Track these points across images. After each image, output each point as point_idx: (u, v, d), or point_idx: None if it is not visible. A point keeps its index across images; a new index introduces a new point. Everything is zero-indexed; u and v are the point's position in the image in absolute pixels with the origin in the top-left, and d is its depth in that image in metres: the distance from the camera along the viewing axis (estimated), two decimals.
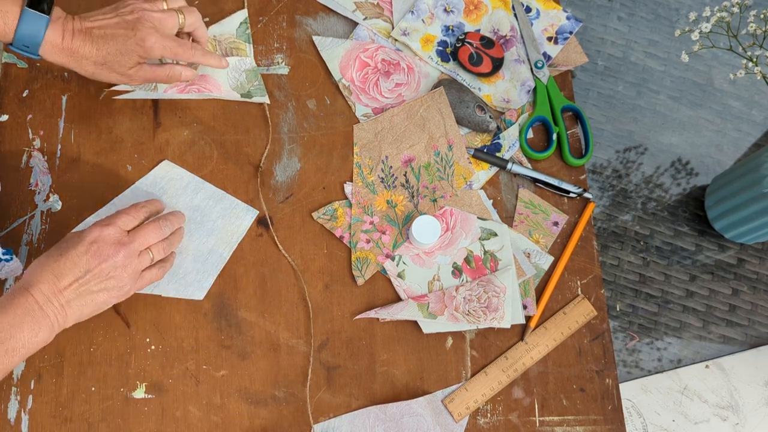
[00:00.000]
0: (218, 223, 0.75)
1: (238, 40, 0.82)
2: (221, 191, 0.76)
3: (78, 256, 0.61)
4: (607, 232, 0.83)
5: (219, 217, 0.75)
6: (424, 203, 0.78)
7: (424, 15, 0.84)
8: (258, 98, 0.79)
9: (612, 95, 0.89)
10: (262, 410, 0.70)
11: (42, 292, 0.59)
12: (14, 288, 0.60)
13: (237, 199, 0.76)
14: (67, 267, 0.60)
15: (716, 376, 0.80)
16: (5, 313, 0.57)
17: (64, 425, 0.68)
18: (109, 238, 0.62)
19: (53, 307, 0.59)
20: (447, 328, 0.73)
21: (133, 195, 0.75)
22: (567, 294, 0.76)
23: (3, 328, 0.57)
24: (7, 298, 0.58)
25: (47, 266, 0.60)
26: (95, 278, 0.61)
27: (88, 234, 0.62)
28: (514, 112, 0.82)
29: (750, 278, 0.84)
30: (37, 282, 0.59)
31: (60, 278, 0.60)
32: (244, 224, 0.75)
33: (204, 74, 0.79)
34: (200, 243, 0.74)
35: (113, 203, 0.74)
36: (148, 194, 0.75)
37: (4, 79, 0.79)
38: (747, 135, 0.89)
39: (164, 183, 0.76)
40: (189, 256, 0.73)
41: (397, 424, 0.70)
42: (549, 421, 0.72)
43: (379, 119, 0.80)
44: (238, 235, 0.75)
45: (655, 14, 0.92)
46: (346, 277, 0.75)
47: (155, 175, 0.76)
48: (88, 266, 0.61)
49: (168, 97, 0.78)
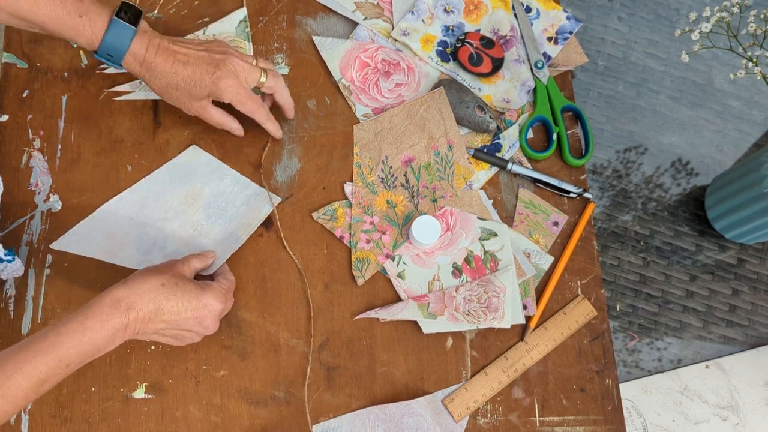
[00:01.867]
0: (242, 209, 0.76)
1: (238, 39, 0.82)
2: (246, 178, 0.77)
3: (186, 310, 0.62)
4: (607, 232, 0.83)
5: (243, 204, 0.76)
6: (424, 203, 0.78)
7: (424, 15, 0.84)
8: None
9: (612, 95, 0.89)
10: (262, 410, 0.70)
11: (138, 317, 0.60)
12: (112, 301, 0.59)
13: (261, 186, 0.77)
14: (173, 311, 0.62)
15: (716, 376, 0.80)
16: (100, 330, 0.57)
17: (64, 425, 0.68)
18: (216, 314, 0.65)
19: (134, 330, 0.60)
20: (447, 328, 0.73)
21: (160, 177, 0.76)
22: (567, 294, 0.76)
23: (91, 344, 0.57)
24: (104, 314, 0.58)
25: (157, 298, 0.61)
26: (180, 331, 0.64)
27: (207, 298, 0.64)
28: (514, 112, 0.82)
29: (750, 278, 0.83)
30: (139, 308, 0.60)
31: (159, 314, 0.61)
32: (265, 210, 0.76)
33: None
34: (222, 228, 0.75)
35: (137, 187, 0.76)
36: (176, 177, 0.76)
37: (4, 79, 0.79)
38: (747, 135, 0.89)
39: (192, 167, 0.77)
40: (211, 240, 0.74)
41: (397, 425, 0.70)
42: (549, 421, 0.72)
43: (379, 119, 0.80)
44: (258, 220, 0.75)
45: (655, 14, 0.92)
46: (346, 277, 0.75)
47: (183, 159, 0.77)
48: (185, 323, 0.63)
49: None
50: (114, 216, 0.74)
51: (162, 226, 0.74)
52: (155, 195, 0.75)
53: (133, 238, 0.73)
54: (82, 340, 0.57)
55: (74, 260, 0.73)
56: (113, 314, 0.58)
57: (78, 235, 0.73)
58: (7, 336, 0.70)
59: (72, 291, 0.72)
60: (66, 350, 0.56)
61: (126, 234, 0.73)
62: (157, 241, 0.73)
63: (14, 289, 0.72)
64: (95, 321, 0.57)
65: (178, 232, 0.74)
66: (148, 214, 0.74)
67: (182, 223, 0.74)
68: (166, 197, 0.75)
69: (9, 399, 0.53)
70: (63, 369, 0.56)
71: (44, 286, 0.72)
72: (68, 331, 0.56)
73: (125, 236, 0.73)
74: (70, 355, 0.56)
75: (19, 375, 0.54)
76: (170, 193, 0.76)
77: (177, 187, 0.76)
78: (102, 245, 0.73)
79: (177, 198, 0.75)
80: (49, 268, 0.73)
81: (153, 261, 0.72)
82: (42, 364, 0.55)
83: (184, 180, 0.76)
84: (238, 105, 0.71)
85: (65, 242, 0.72)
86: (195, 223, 0.74)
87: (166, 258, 0.72)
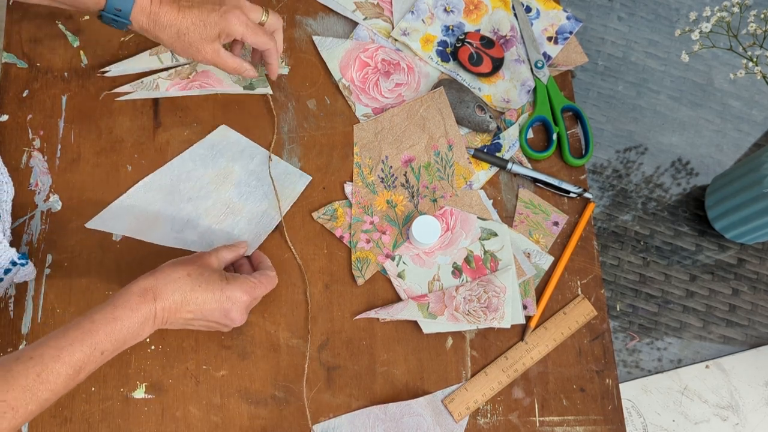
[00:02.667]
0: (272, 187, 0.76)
1: None
2: (276, 156, 0.78)
3: (211, 302, 0.63)
4: (607, 232, 0.83)
5: (274, 181, 0.76)
6: (424, 203, 0.78)
7: (424, 15, 0.84)
8: (261, 89, 0.80)
9: (612, 95, 0.89)
10: (262, 410, 0.70)
11: (165, 306, 0.61)
12: (140, 290, 0.60)
13: (291, 165, 0.77)
14: (198, 301, 0.62)
15: (716, 376, 0.80)
16: (130, 318, 0.59)
17: (64, 425, 0.68)
18: (242, 306, 0.65)
19: (162, 319, 0.61)
20: (447, 328, 0.73)
21: (190, 157, 0.77)
22: (567, 294, 0.76)
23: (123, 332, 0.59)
24: (134, 302, 0.60)
25: (182, 288, 0.62)
26: (207, 322, 0.65)
27: (231, 289, 0.64)
28: (514, 112, 0.82)
29: (750, 278, 0.83)
30: (167, 298, 0.61)
31: (186, 304, 0.62)
32: (297, 189, 0.77)
33: (205, 70, 0.79)
34: (254, 206, 0.75)
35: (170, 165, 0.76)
36: (207, 156, 0.77)
37: (4, 79, 0.79)
38: (747, 135, 0.89)
39: (221, 147, 0.78)
40: (243, 218, 0.75)
41: (397, 424, 0.70)
42: (549, 421, 0.72)
43: (379, 119, 0.80)
44: (290, 199, 0.76)
45: (655, 14, 0.92)
46: (346, 277, 0.75)
47: (212, 139, 0.78)
48: (211, 314, 0.64)
49: (171, 95, 0.79)
50: (147, 195, 0.75)
51: (195, 204, 0.75)
52: (187, 173, 0.76)
53: (167, 216, 0.75)
54: (114, 328, 0.58)
55: (74, 260, 0.73)
56: (141, 303, 0.60)
57: (111, 213, 0.75)
58: (7, 336, 0.70)
59: (72, 291, 0.72)
60: (100, 338, 0.57)
61: (159, 212, 0.75)
62: (190, 219, 0.75)
63: (14, 289, 0.72)
64: (125, 310, 0.59)
65: (211, 210, 0.75)
66: (181, 192, 0.76)
67: (214, 201, 0.75)
68: (197, 176, 0.76)
69: (49, 386, 0.54)
70: (98, 356, 0.57)
71: (44, 286, 0.72)
72: (100, 320, 0.58)
73: (158, 214, 0.75)
74: (104, 343, 0.57)
75: (57, 362, 0.55)
76: (202, 172, 0.77)
77: (208, 166, 0.77)
78: (135, 224, 0.74)
79: (208, 176, 0.76)
80: (49, 268, 0.73)
81: (186, 239, 0.74)
82: (78, 351, 0.56)
83: (215, 159, 0.77)
84: (249, 37, 0.70)
85: (99, 221, 0.74)
86: (227, 201, 0.75)
87: (200, 236, 0.74)
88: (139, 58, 0.80)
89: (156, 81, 0.78)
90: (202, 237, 0.74)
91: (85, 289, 0.72)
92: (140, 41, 0.81)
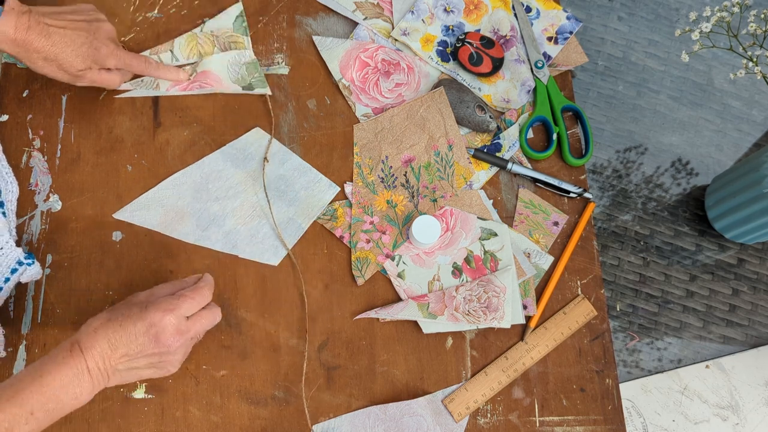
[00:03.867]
0: (300, 194, 0.76)
1: (235, 34, 0.82)
2: (307, 164, 0.78)
3: (136, 336, 0.59)
4: (607, 232, 0.83)
5: (302, 189, 0.77)
6: (424, 203, 0.78)
7: (424, 15, 0.84)
8: (260, 89, 0.80)
9: (612, 95, 0.89)
10: (262, 410, 0.70)
11: (94, 357, 0.58)
12: (66, 346, 0.58)
13: (321, 173, 0.77)
14: (123, 341, 0.59)
15: (716, 376, 0.80)
16: (58, 372, 0.56)
17: (64, 425, 0.68)
18: (170, 327, 0.60)
19: (100, 373, 0.58)
20: (447, 328, 0.73)
21: (222, 156, 0.77)
22: (567, 294, 0.76)
23: (53, 388, 0.56)
24: (60, 356, 0.57)
25: (104, 334, 0.59)
26: (147, 358, 0.60)
27: (149, 314, 0.60)
28: (514, 112, 0.82)
29: (750, 278, 0.83)
30: (92, 347, 0.58)
31: (114, 349, 0.59)
32: (325, 198, 0.77)
33: (205, 70, 0.79)
34: (281, 211, 0.76)
35: (201, 163, 0.77)
36: (239, 156, 0.77)
37: (4, 79, 0.79)
38: (747, 135, 0.88)
39: (253, 149, 0.78)
40: (269, 222, 0.75)
41: (397, 424, 0.70)
42: (549, 421, 0.72)
43: (379, 119, 0.80)
44: (318, 208, 0.76)
45: (655, 14, 0.92)
46: (346, 277, 0.75)
47: (246, 140, 0.78)
48: (143, 348, 0.59)
49: (171, 94, 0.79)
50: (176, 190, 0.76)
51: (222, 204, 0.75)
52: (217, 172, 0.77)
53: (194, 213, 0.75)
54: (42, 383, 0.55)
55: (74, 260, 0.73)
56: (69, 357, 0.57)
57: (140, 206, 0.75)
58: (7, 336, 0.70)
59: (72, 291, 0.72)
60: (26, 395, 0.54)
61: (187, 208, 0.75)
62: (216, 218, 0.75)
63: (14, 289, 0.72)
64: (52, 365, 0.56)
65: (238, 211, 0.75)
66: (210, 190, 0.76)
67: (242, 202, 0.76)
68: (228, 175, 0.77)
69: None
70: (27, 416, 0.54)
71: (44, 286, 0.72)
72: (27, 376, 0.55)
73: (186, 210, 0.75)
74: (32, 401, 0.54)
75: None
76: (232, 172, 0.77)
77: (239, 166, 0.77)
78: (162, 218, 0.75)
79: (238, 177, 0.77)
80: (49, 268, 0.73)
81: (210, 237, 0.74)
82: (5, 410, 0.53)
83: (246, 160, 0.77)
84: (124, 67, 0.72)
85: (127, 212, 0.75)
86: (254, 204, 0.76)
87: (225, 236, 0.74)
88: None
89: (156, 80, 0.78)
90: (226, 237, 0.74)
91: (85, 289, 0.72)
92: (140, 41, 0.81)
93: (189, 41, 0.81)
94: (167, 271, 0.74)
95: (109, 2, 0.82)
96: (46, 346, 0.70)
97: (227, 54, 0.80)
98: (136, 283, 0.73)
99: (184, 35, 0.81)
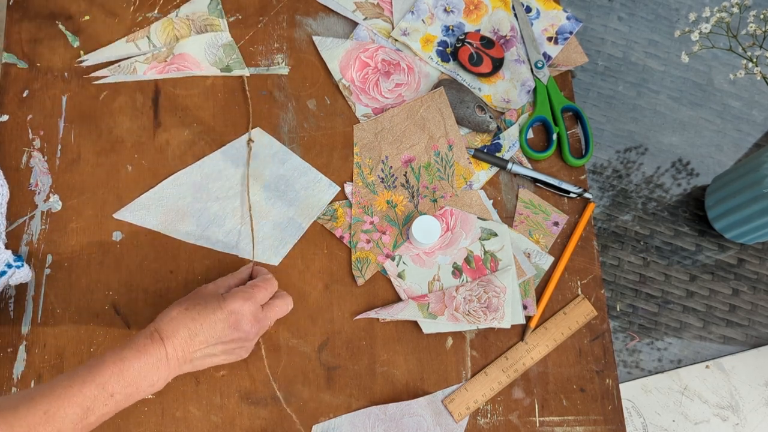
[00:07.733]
0: (301, 194, 0.76)
1: (211, 17, 0.82)
2: (307, 164, 0.78)
3: (216, 323, 0.62)
4: (607, 232, 0.83)
5: (302, 189, 0.77)
6: (424, 203, 0.77)
7: (424, 15, 0.84)
8: (237, 71, 0.80)
9: (612, 95, 0.89)
10: (262, 410, 0.70)
11: (173, 345, 0.60)
12: (146, 333, 0.60)
13: (321, 173, 0.77)
14: (203, 329, 0.61)
15: (716, 376, 0.80)
16: (137, 359, 0.58)
17: None
18: (249, 314, 0.63)
19: (177, 361, 0.61)
20: (447, 328, 0.73)
21: (223, 156, 0.77)
22: (567, 294, 0.76)
23: (132, 373, 0.58)
24: (142, 343, 0.59)
25: (183, 323, 0.61)
26: (224, 345, 0.63)
27: (229, 303, 0.63)
28: (514, 112, 0.82)
29: (750, 278, 0.83)
30: (173, 335, 0.60)
31: (193, 337, 0.61)
32: (325, 198, 0.77)
33: (182, 53, 0.80)
34: (281, 211, 0.76)
35: (201, 163, 0.77)
36: (239, 156, 0.77)
37: (4, 79, 0.79)
38: (747, 135, 0.88)
39: (255, 149, 0.78)
40: (269, 222, 0.75)
41: (397, 425, 0.70)
42: (549, 421, 0.72)
43: (379, 119, 0.80)
44: (318, 208, 0.76)
45: (655, 14, 0.92)
46: (346, 277, 0.75)
47: (246, 139, 0.78)
48: (222, 335, 0.62)
49: (149, 78, 0.79)
50: (177, 190, 0.76)
51: (222, 204, 0.75)
52: (218, 172, 0.77)
53: (194, 213, 0.75)
54: (122, 367, 0.57)
55: (74, 260, 0.73)
56: (149, 345, 0.59)
57: (140, 206, 0.75)
58: (7, 336, 0.70)
59: (72, 291, 0.72)
60: (107, 378, 0.56)
61: (187, 208, 0.75)
62: (216, 218, 0.75)
63: (14, 289, 0.72)
64: (132, 350, 0.58)
65: (238, 210, 0.75)
66: (210, 190, 0.76)
67: (242, 202, 0.76)
68: (228, 175, 0.77)
69: (56, 426, 0.53)
70: (107, 398, 0.56)
71: (44, 286, 0.72)
72: (109, 359, 0.57)
73: (186, 210, 0.75)
74: (112, 383, 0.56)
75: (64, 401, 0.54)
76: (232, 172, 0.77)
77: (239, 166, 0.77)
78: (162, 218, 0.75)
79: (238, 177, 0.77)
80: (49, 268, 0.73)
81: (211, 237, 0.74)
82: (86, 390, 0.55)
83: (245, 160, 0.77)
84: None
85: (127, 212, 0.75)
86: (254, 204, 0.76)
87: (225, 235, 0.75)
88: (117, 46, 0.80)
89: (133, 65, 0.79)
90: (227, 236, 0.74)
91: (85, 289, 0.72)
92: None
93: (165, 26, 0.81)
94: (167, 271, 0.74)
95: (109, 2, 0.83)
96: (46, 346, 0.70)
97: (204, 36, 0.81)
98: (136, 283, 0.73)
99: (159, 21, 0.81)
